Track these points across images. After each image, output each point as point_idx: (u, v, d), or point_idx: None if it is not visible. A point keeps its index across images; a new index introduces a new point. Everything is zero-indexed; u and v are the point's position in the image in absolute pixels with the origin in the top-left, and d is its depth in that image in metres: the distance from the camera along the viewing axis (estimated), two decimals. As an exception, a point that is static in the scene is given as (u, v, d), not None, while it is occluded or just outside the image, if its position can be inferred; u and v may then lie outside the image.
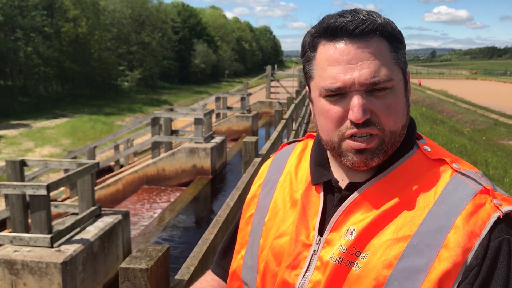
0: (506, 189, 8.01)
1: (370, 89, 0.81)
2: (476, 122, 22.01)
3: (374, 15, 0.83)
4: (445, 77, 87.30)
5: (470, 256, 0.75)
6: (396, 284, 0.77)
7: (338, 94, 0.82)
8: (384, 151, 0.83)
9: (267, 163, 1.10)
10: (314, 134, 1.05)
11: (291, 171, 1.01)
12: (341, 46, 0.82)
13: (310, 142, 1.05)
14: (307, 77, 0.90)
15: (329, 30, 0.83)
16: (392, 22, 0.85)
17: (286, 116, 9.31)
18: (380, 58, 0.81)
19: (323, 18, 0.85)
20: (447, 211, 0.79)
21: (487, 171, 9.51)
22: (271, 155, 1.13)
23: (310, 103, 0.94)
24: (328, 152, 0.95)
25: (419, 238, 0.78)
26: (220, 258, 1.14)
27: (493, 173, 9.37)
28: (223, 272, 1.11)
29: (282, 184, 1.01)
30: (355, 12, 0.83)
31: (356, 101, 0.80)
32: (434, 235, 0.77)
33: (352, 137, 0.82)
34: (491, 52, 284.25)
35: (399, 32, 0.85)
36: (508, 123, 21.42)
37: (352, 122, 0.81)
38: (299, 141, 1.10)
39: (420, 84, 53.89)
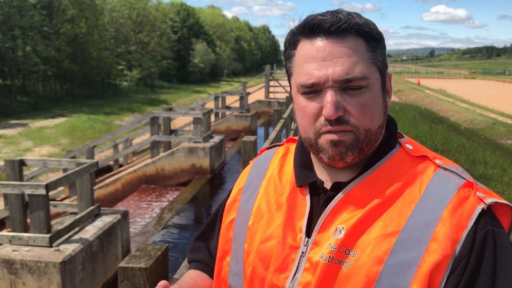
0: (505, 188, 8.02)
1: (344, 87, 0.82)
2: (475, 121, 22.03)
3: (354, 15, 0.84)
4: (444, 77, 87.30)
5: (458, 248, 0.77)
6: (388, 279, 0.78)
7: (313, 91, 0.83)
8: (359, 148, 0.84)
9: (247, 168, 1.10)
10: (295, 138, 1.06)
11: (274, 175, 1.00)
12: (318, 43, 0.83)
13: (292, 147, 1.05)
14: (288, 74, 0.92)
15: (307, 27, 0.84)
16: (372, 23, 0.86)
17: (285, 115, 9.33)
18: (356, 56, 0.82)
19: (306, 17, 0.87)
20: (434, 205, 0.80)
21: (486, 170, 9.51)
22: (249, 161, 1.13)
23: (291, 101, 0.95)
24: (311, 154, 0.95)
25: (408, 232, 0.79)
26: (194, 251, 1.15)
27: (491, 172, 9.36)
28: (200, 265, 1.12)
29: (265, 188, 1.00)
30: (336, 12, 0.84)
31: (329, 97, 0.81)
32: (423, 229, 0.79)
33: (327, 133, 0.84)
34: (490, 52, 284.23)
35: (378, 33, 0.86)
36: (507, 123, 21.43)
37: (326, 119, 0.82)
38: (279, 145, 1.10)
39: (419, 84, 53.89)
